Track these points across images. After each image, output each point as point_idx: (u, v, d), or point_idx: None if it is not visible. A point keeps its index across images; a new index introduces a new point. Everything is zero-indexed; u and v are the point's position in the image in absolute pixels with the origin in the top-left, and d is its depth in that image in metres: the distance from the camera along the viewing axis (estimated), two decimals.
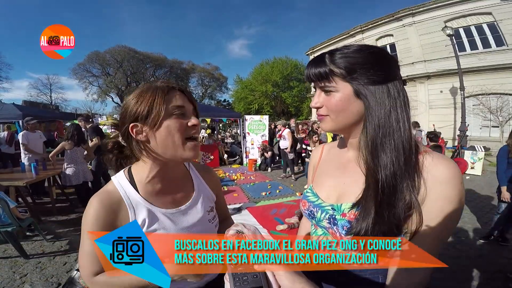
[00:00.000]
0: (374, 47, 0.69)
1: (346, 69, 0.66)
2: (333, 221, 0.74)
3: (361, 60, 0.65)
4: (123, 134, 0.79)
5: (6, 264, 2.94)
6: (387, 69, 0.67)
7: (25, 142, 5.01)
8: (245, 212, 4.51)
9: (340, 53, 0.67)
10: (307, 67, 0.73)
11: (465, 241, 3.36)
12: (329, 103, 0.70)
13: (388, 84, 0.66)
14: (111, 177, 0.84)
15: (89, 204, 0.75)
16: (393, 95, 0.66)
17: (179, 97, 0.77)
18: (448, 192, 0.62)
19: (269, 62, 31.15)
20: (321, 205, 0.80)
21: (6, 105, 10.43)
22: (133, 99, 0.76)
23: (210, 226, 0.92)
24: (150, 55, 36.37)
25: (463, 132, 9.42)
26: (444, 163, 0.64)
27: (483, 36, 11.62)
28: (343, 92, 0.67)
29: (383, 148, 0.65)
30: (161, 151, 0.75)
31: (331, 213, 0.75)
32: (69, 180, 4.32)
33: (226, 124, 16.24)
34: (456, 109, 11.87)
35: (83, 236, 0.74)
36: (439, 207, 0.62)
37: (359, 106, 0.68)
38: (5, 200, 2.96)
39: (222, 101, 42.71)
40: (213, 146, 9.39)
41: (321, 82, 0.70)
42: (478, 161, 7.69)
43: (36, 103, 29.26)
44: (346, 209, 0.71)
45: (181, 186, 0.90)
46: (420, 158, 0.66)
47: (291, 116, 25.97)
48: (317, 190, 0.85)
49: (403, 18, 13.68)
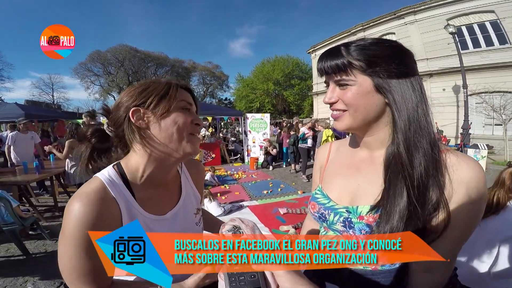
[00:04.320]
0: (391, 41, 0.66)
1: (366, 62, 0.62)
2: (348, 224, 0.70)
3: (381, 53, 0.62)
4: (117, 119, 0.73)
5: (8, 263, 2.96)
6: (408, 63, 0.64)
7: (11, 143, 5.01)
8: (246, 210, 4.52)
9: (357, 46, 0.63)
10: (320, 60, 0.68)
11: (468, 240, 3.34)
12: (345, 96, 0.65)
13: (410, 79, 0.64)
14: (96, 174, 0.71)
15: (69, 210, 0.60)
16: (418, 90, 0.64)
17: (188, 95, 0.78)
18: (473, 194, 0.60)
19: (271, 60, 31.22)
20: (333, 207, 0.75)
21: (9, 104, 10.53)
22: (136, 88, 0.73)
23: (198, 229, 0.89)
24: (151, 54, 36.55)
25: (466, 130, 9.37)
26: (470, 163, 0.62)
27: (486, 34, 11.52)
28: (362, 86, 0.63)
29: (416, 144, 0.62)
30: (163, 140, 0.71)
31: (346, 215, 0.71)
32: (73, 179, 4.32)
33: (228, 122, 16.24)
34: (458, 107, 11.80)
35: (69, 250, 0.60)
36: (464, 209, 0.60)
37: (379, 101, 0.64)
38: (8, 199, 2.98)
39: (223, 99, 42.81)
40: (215, 144, 9.40)
41: (337, 75, 0.65)
42: (481, 159, 7.64)
43: (38, 102, 29.39)
44: (363, 212, 0.67)
45: (170, 188, 0.84)
46: (443, 156, 0.63)
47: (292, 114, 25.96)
48: (328, 191, 0.79)
49: (405, 16, 13.60)
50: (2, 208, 2.97)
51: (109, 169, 0.72)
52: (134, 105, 0.70)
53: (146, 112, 0.70)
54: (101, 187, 0.65)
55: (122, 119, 0.72)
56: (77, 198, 0.61)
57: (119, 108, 0.72)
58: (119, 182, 0.70)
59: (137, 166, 0.73)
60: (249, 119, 9.48)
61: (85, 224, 0.59)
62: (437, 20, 12.46)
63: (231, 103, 39.37)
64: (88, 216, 0.59)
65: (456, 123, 11.84)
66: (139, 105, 0.70)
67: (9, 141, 5.01)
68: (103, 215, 0.61)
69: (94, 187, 0.65)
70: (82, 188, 0.65)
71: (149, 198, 0.75)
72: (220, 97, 42.88)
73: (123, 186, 0.70)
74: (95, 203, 0.61)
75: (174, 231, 0.79)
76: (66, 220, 0.60)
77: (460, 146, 8.88)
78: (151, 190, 0.76)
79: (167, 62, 37.45)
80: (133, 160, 0.73)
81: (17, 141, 5.09)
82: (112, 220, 0.64)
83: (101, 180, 0.67)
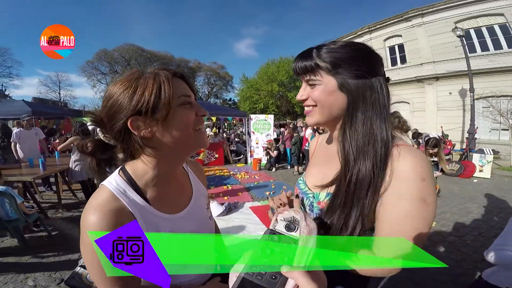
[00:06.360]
0: (359, 44, 0.71)
1: (331, 63, 0.68)
2: (311, 208, 0.81)
3: (346, 55, 0.67)
4: (115, 131, 0.65)
5: (10, 259, 2.99)
6: (370, 64, 0.69)
7: (16, 140, 5.10)
8: (248, 210, 4.52)
9: (327, 48, 0.69)
10: (294, 61, 0.75)
11: (471, 245, 3.30)
12: (313, 94, 0.72)
13: (371, 79, 0.68)
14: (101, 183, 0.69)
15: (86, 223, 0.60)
16: (376, 90, 0.68)
17: (183, 85, 0.69)
18: (403, 188, 0.63)
19: (275, 61, 31.11)
20: (306, 192, 0.85)
21: (17, 101, 10.68)
22: (127, 88, 0.63)
23: (210, 224, 0.90)
24: (157, 53, 36.86)
25: (471, 135, 9.25)
26: (407, 156, 0.65)
27: (495, 37, 11.36)
28: (327, 85, 0.69)
29: (362, 140, 0.68)
30: (173, 147, 0.67)
31: (311, 200, 0.81)
32: (75, 176, 4.37)
33: (232, 123, 16.25)
34: (465, 111, 11.65)
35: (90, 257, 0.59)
36: (391, 204, 0.64)
37: (343, 99, 0.70)
38: (13, 195, 3.01)
39: (227, 100, 42.88)
40: (218, 144, 9.42)
41: (307, 75, 0.72)
42: (487, 164, 7.55)
43: (45, 100, 29.74)
44: (321, 198, 0.77)
45: (181, 186, 0.84)
46: (392, 152, 0.67)
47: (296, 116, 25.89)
48: (306, 178, 0.91)
49: (412, 18, 13.47)
50: (7, 204, 3.00)
51: (115, 177, 0.69)
52: (130, 115, 0.62)
53: (145, 120, 0.63)
54: (110, 197, 0.64)
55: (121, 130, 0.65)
56: (91, 211, 0.61)
57: (113, 119, 0.64)
58: (128, 189, 0.67)
59: (146, 170, 0.70)
60: (252, 120, 9.49)
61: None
62: (445, 22, 12.32)
63: (235, 103, 39.42)
64: (104, 228, 0.58)
65: (462, 127, 11.70)
66: (135, 113, 0.62)
67: (14, 138, 5.09)
68: (117, 225, 0.59)
69: (104, 198, 0.64)
70: (92, 199, 0.64)
71: (162, 197, 0.73)
72: (224, 98, 43.05)
73: (133, 192, 0.67)
74: (108, 214, 0.60)
75: (191, 227, 0.80)
76: (84, 232, 0.60)
77: (465, 150, 8.77)
78: (163, 188, 0.74)
79: (172, 61, 37.62)
80: (140, 165, 0.70)
81: (22, 137, 5.17)
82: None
83: (109, 189, 0.65)
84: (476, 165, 7.61)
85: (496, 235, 1.47)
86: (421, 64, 13.21)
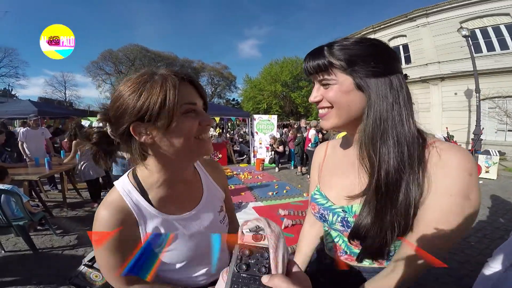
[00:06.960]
0: (374, 39, 0.66)
1: (346, 61, 0.63)
2: (346, 224, 0.71)
3: (361, 52, 0.63)
4: (119, 132, 0.66)
5: (15, 258, 3.02)
6: (388, 61, 0.64)
7: (23, 139, 5.17)
8: (251, 211, 4.52)
9: (339, 45, 0.64)
10: (305, 60, 0.70)
11: (475, 246, 3.25)
12: (328, 95, 0.67)
13: (390, 77, 0.63)
14: (114, 182, 0.75)
15: (97, 216, 0.68)
16: (396, 88, 0.63)
17: (190, 91, 0.68)
18: (448, 184, 0.58)
19: (279, 61, 31.12)
20: (331, 207, 0.76)
21: (23, 101, 10.81)
22: (133, 92, 0.62)
23: (222, 227, 0.87)
24: (161, 54, 37.12)
25: (477, 136, 9.15)
26: (450, 152, 0.60)
27: (501, 37, 11.21)
28: (343, 84, 0.64)
29: (384, 142, 0.62)
30: (173, 155, 0.68)
31: (342, 215, 0.72)
32: (83, 175, 4.40)
33: (235, 123, 16.27)
34: (470, 111, 11.52)
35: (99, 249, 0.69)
36: (438, 202, 0.59)
37: (361, 99, 0.65)
38: (19, 194, 3.04)
39: (231, 100, 42.98)
40: (222, 144, 9.43)
41: (320, 75, 0.67)
42: (493, 165, 7.46)
43: (51, 99, 30.10)
44: (357, 210, 0.68)
45: (190, 187, 0.83)
46: (427, 151, 0.62)
47: (300, 116, 25.84)
48: (325, 191, 0.81)
49: (416, 18, 13.36)
50: (13, 203, 3.04)
51: (124, 178, 0.75)
52: (131, 120, 0.63)
53: (147, 126, 0.63)
54: (118, 197, 0.70)
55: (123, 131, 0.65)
56: (104, 206, 0.69)
57: (120, 121, 0.65)
58: (133, 190, 0.72)
59: (150, 173, 0.72)
60: (256, 120, 9.50)
61: (110, 228, 0.66)
62: (450, 22, 12.20)
63: (239, 103, 39.49)
64: (112, 222, 0.67)
65: (468, 128, 11.57)
66: (139, 119, 0.62)
67: (21, 137, 5.15)
68: (123, 220, 0.68)
69: (114, 197, 0.71)
70: (106, 197, 0.72)
71: (166, 198, 0.75)
72: (227, 98, 43.16)
73: (137, 194, 0.72)
74: (116, 211, 0.68)
75: (198, 229, 0.79)
76: (96, 224, 0.68)
77: (471, 152, 8.67)
78: (169, 190, 0.75)
79: (176, 62, 37.84)
80: (147, 168, 0.72)
81: (28, 137, 5.23)
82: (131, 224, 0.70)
83: (118, 190, 0.72)
84: (482, 166, 7.52)
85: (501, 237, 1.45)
86: (426, 64, 13.10)
